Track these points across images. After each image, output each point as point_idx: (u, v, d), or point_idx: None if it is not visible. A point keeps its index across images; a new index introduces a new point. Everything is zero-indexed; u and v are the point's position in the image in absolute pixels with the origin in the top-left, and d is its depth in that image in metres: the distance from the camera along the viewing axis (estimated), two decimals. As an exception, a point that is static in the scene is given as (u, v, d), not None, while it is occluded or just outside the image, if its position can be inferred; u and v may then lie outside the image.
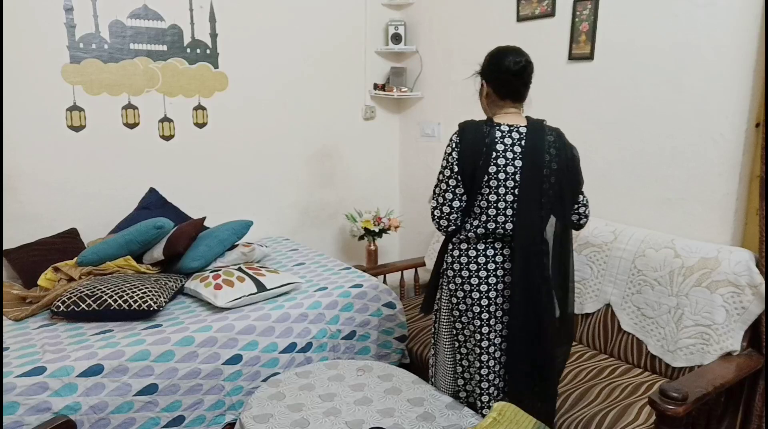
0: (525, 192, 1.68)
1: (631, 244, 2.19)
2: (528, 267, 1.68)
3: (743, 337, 1.88)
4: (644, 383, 1.97)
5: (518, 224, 1.69)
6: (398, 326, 2.47)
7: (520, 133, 1.71)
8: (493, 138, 1.69)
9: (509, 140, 1.69)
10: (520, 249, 1.69)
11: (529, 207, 1.68)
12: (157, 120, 2.88)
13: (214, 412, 2.02)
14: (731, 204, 2.08)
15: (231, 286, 2.20)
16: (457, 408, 1.81)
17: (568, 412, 1.87)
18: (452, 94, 3.26)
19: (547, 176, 1.68)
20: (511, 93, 1.75)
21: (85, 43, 2.63)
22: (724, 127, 2.06)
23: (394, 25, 3.42)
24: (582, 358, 2.19)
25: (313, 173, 3.46)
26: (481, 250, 1.75)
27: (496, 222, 1.71)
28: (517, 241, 1.69)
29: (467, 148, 1.70)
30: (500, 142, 1.69)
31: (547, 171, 1.68)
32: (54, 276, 2.29)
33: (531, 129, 1.71)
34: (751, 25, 1.95)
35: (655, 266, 2.09)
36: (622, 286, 2.20)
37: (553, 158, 1.68)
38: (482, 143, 1.69)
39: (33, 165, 2.58)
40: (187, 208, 2.92)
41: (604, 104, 2.46)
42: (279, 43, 3.16)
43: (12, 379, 1.65)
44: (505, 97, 1.76)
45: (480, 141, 1.69)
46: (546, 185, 1.68)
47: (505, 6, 2.84)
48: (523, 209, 1.68)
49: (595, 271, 2.29)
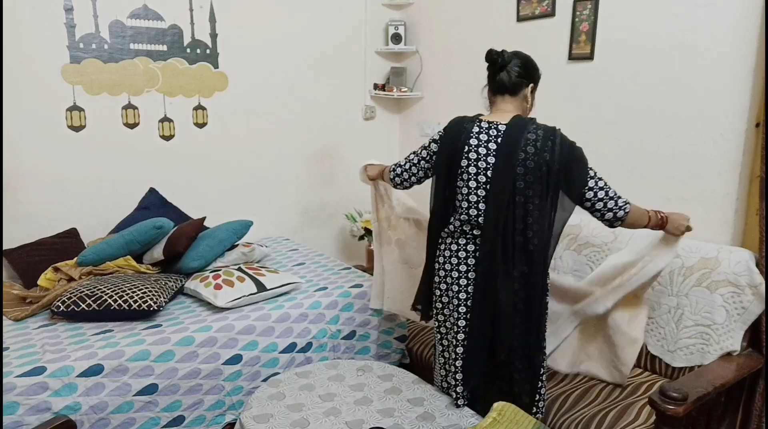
0: (495, 188, 1.69)
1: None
2: (489, 259, 1.70)
3: (743, 337, 1.88)
4: (644, 383, 1.97)
5: (485, 218, 1.71)
6: (398, 326, 2.47)
7: (498, 129, 1.72)
8: (468, 132, 1.74)
9: (485, 136, 1.72)
10: (483, 241, 1.72)
11: (498, 202, 1.68)
12: (157, 120, 2.88)
13: (214, 412, 2.02)
14: (731, 204, 2.08)
15: (231, 286, 2.20)
16: (457, 408, 1.81)
17: (568, 412, 1.87)
18: (452, 94, 3.26)
19: (521, 175, 1.66)
20: (496, 87, 1.78)
21: (85, 43, 2.63)
22: (724, 127, 2.06)
23: (394, 25, 3.42)
24: (582, 358, 2.19)
25: (313, 173, 3.46)
26: (462, 245, 1.78)
27: (468, 215, 1.75)
28: (483, 233, 1.72)
29: (447, 142, 1.79)
30: (475, 136, 1.73)
31: (522, 169, 1.66)
32: (54, 276, 2.29)
33: (510, 125, 1.71)
34: (751, 25, 1.95)
35: (655, 266, 2.09)
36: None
37: (529, 157, 1.65)
38: (458, 138, 1.75)
39: (33, 165, 2.58)
40: (187, 208, 2.92)
41: (604, 104, 2.46)
42: (279, 43, 3.16)
43: (12, 379, 1.65)
44: (494, 92, 1.80)
45: (459, 135, 1.75)
46: (521, 183, 1.66)
47: (505, 6, 2.84)
48: (492, 203, 1.70)
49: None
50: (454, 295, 1.80)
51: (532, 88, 1.81)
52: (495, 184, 1.69)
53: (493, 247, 1.69)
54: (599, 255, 2.27)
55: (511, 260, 1.70)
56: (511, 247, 1.69)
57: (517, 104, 1.78)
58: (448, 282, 1.81)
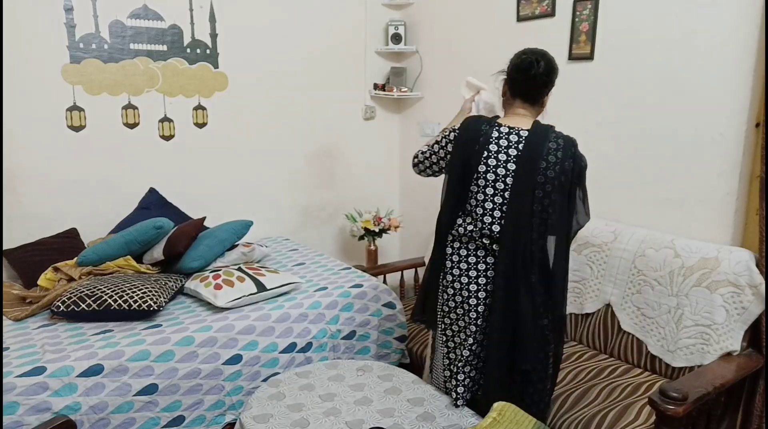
0: (515, 196, 1.66)
1: (631, 244, 2.19)
2: (511, 270, 1.67)
3: (743, 337, 1.88)
4: (644, 383, 1.97)
5: (505, 226, 1.68)
6: (398, 326, 2.47)
7: (519, 136, 1.69)
8: (488, 137, 1.69)
9: (505, 142, 1.68)
10: (503, 251, 1.69)
11: (518, 211, 1.65)
12: (157, 120, 2.88)
13: (214, 412, 2.02)
14: (731, 204, 2.08)
15: (231, 286, 2.20)
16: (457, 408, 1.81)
17: (568, 412, 1.87)
18: (452, 94, 3.25)
19: (541, 184, 1.64)
20: (520, 92, 1.74)
21: (85, 43, 2.63)
22: (724, 127, 2.06)
23: (394, 25, 3.42)
24: (582, 358, 2.19)
25: (313, 173, 3.46)
26: (471, 250, 1.75)
27: (482, 222, 1.71)
28: (502, 242, 1.69)
29: (462, 143, 1.73)
30: (495, 142, 1.69)
31: (542, 178, 1.64)
32: (54, 276, 2.29)
33: (532, 133, 1.68)
34: (751, 25, 1.95)
35: (655, 266, 2.09)
36: (622, 286, 2.20)
37: (550, 166, 1.64)
38: (476, 141, 1.70)
39: (33, 165, 2.58)
40: (187, 208, 2.92)
41: (604, 104, 2.46)
42: (279, 42, 3.16)
43: (12, 379, 1.65)
44: (515, 95, 1.76)
45: (475, 139, 1.70)
46: (539, 192, 1.65)
47: (505, 6, 2.84)
48: (511, 212, 1.66)
49: (595, 271, 2.29)
50: (464, 300, 1.77)
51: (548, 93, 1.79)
52: (515, 192, 1.66)
53: (514, 259, 1.67)
54: (599, 255, 2.27)
55: (531, 270, 1.68)
56: (529, 257, 1.67)
57: (535, 109, 1.77)
58: (456, 287, 1.78)
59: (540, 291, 1.69)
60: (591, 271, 2.30)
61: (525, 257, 1.66)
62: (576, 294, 2.34)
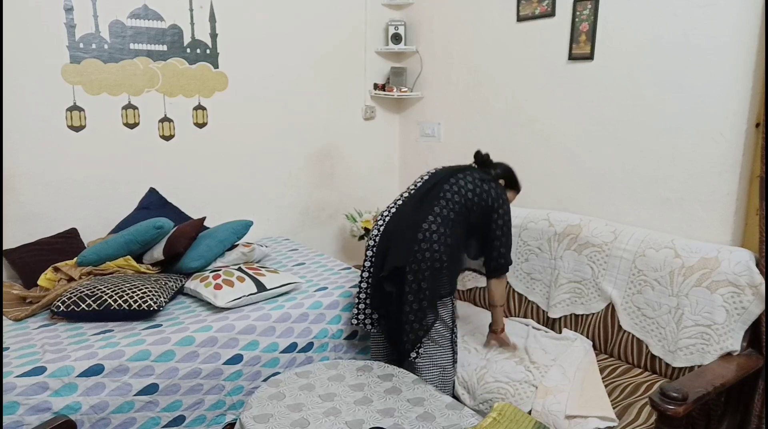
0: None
1: (632, 244, 2.19)
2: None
3: (743, 337, 1.87)
4: (644, 383, 1.97)
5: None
6: (398, 326, 2.47)
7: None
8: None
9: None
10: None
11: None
12: (157, 120, 2.88)
13: (214, 411, 2.02)
14: (731, 204, 2.08)
15: (231, 286, 2.20)
16: (457, 408, 1.81)
17: (568, 412, 1.87)
18: (452, 94, 3.26)
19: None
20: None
21: (85, 43, 2.63)
22: (724, 127, 2.06)
23: (394, 25, 3.42)
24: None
25: (313, 173, 3.46)
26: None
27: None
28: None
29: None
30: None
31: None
32: (54, 276, 2.28)
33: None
34: (751, 25, 1.95)
35: (655, 266, 2.10)
36: (623, 286, 2.20)
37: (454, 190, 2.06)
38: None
39: (33, 165, 2.58)
40: (187, 208, 2.92)
41: (604, 104, 2.46)
42: (279, 43, 3.16)
43: (12, 379, 1.65)
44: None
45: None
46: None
47: (505, 6, 2.85)
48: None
49: (595, 271, 2.29)
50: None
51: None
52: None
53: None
54: (599, 255, 2.27)
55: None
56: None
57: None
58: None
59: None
60: (591, 271, 2.30)
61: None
62: (576, 294, 2.34)
